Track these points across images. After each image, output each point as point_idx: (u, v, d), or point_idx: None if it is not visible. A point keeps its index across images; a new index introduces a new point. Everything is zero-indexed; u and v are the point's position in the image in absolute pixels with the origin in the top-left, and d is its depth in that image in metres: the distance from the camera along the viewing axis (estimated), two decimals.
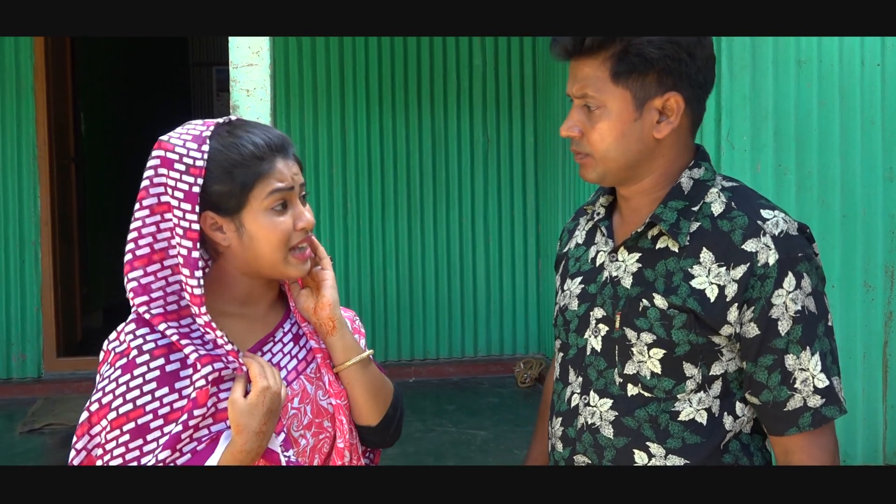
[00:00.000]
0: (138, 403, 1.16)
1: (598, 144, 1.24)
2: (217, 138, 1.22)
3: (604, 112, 1.22)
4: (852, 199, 3.13)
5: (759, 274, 1.18)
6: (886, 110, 3.14)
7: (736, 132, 3.00)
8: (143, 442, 1.15)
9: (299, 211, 1.24)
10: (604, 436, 1.27)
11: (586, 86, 1.22)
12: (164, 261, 1.21)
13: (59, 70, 5.01)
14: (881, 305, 3.17)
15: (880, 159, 3.14)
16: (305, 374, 1.28)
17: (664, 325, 1.22)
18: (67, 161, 5.15)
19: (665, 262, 1.24)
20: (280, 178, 1.22)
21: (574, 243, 1.42)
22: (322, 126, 4.98)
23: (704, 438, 1.22)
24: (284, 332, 1.30)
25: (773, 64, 3.02)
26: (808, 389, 1.19)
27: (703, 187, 1.26)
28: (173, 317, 1.20)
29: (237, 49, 2.25)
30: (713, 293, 1.19)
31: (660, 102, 1.22)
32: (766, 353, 1.20)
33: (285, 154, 1.24)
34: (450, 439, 3.94)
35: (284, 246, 1.23)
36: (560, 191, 4.76)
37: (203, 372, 1.16)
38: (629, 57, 1.20)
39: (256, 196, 1.21)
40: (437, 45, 5.06)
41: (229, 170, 1.20)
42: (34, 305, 4.83)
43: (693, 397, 1.23)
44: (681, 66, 1.22)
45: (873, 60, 3.12)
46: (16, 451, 3.87)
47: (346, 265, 5.01)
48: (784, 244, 1.19)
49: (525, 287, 5.16)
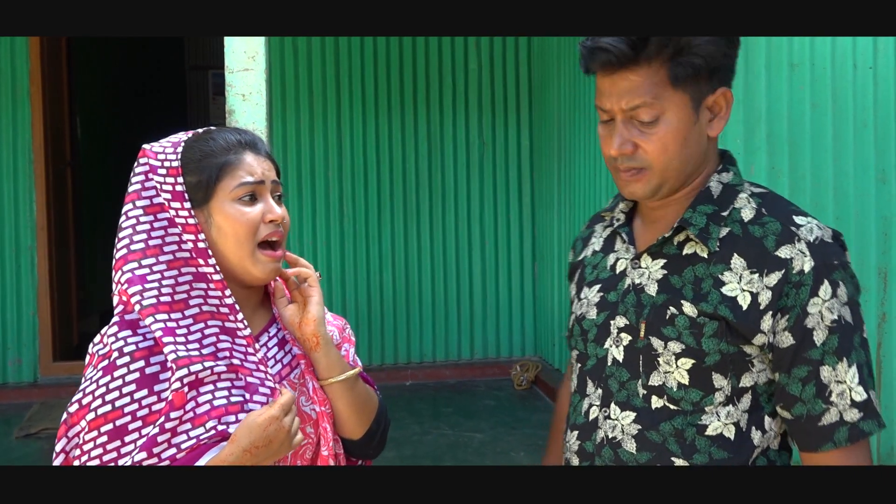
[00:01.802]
0: (117, 405, 1.16)
1: (659, 156, 1.16)
2: (192, 139, 1.28)
3: (663, 121, 1.15)
4: (845, 202, 3.14)
5: (795, 281, 1.13)
6: (878, 113, 3.15)
7: (729, 135, 3.01)
8: (120, 444, 1.15)
9: (269, 205, 1.25)
10: (626, 450, 1.21)
11: (639, 96, 1.14)
12: (159, 256, 1.22)
13: (55, 74, 5.02)
14: (874, 307, 3.19)
15: (873, 162, 3.16)
16: (289, 380, 1.28)
17: (693, 334, 1.16)
18: (63, 165, 5.15)
19: (693, 268, 1.19)
20: (249, 171, 1.24)
21: (591, 251, 1.36)
22: (318, 130, 4.99)
23: (732, 454, 1.17)
24: (270, 336, 1.30)
25: (765, 67, 3.03)
26: (845, 403, 1.13)
27: (732, 192, 1.22)
28: (165, 308, 1.20)
29: (233, 53, 2.25)
30: (745, 300, 1.15)
31: (712, 100, 1.18)
32: (800, 363, 1.14)
33: (256, 150, 1.27)
34: (446, 442, 3.94)
35: (251, 238, 1.23)
36: (556, 194, 4.77)
37: (178, 374, 1.16)
38: (688, 59, 1.14)
39: (223, 187, 1.23)
40: (433, 49, 5.08)
41: (198, 161, 1.24)
42: (30, 310, 4.83)
43: (721, 410, 1.17)
44: (728, 61, 1.18)
45: (865, 63, 3.14)
46: (12, 455, 3.87)
47: (342, 268, 5.02)
48: (820, 251, 1.14)
49: (521, 290, 5.17)
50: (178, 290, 1.22)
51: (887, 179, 3.18)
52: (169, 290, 1.22)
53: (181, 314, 1.21)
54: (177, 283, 1.22)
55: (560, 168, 4.66)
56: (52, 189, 4.89)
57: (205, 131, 1.30)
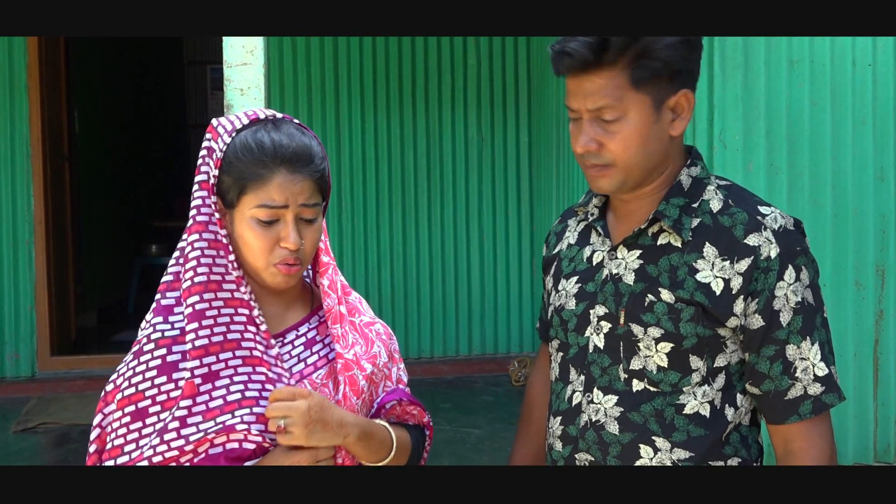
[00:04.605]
0: (139, 388, 1.21)
1: (622, 154, 1.23)
2: (246, 128, 1.24)
3: (624, 121, 1.22)
4: (843, 199, 3.15)
5: (763, 267, 1.21)
6: (877, 110, 3.15)
7: (728, 132, 3.01)
8: (141, 425, 1.19)
9: (287, 231, 1.22)
10: (609, 432, 1.28)
11: (603, 97, 1.21)
12: (203, 233, 1.23)
13: (53, 68, 5.00)
14: (872, 304, 3.19)
15: (871, 159, 3.16)
16: (310, 379, 1.27)
17: (672, 319, 1.24)
18: (61, 159, 5.14)
19: (668, 257, 1.26)
20: (273, 195, 1.20)
21: (566, 244, 1.43)
22: (316, 125, 4.98)
23: (708, 431, 1.25)
24: (298, 335, 1.30)
25: (764, 64, 3.03)
26: (809, 378, 1.22)
27: (700, 185, 1.29)
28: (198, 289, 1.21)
29: (231, 48, 2.25)
30: (719, 286, 1.23)
31: (674, 101, 1.24)
32: (768, 343, 1.23)
33: (293, 167, 1.21)
34: (444, 437, 3.95)
35: (265, 257, 1.23)
36: (554, 189, 4.77)
37: (189, 364, 1.18)
38: (649, 62, 1.20)
39: (247, 201, 1.22)
40: (432, 44, 5.07)
41: (233, 162, 1.22)
42: (28, 304, 4.83)
43: (698, 390, 1.25)
44: (688, 64, 1.24)
45: (864, 61, 3.13)
46: (10, 450, 3.86)
47: (340, 264, 5.00)
48: (784, 238, 1.23)
49: (519, 285, 5.18)
50: (215, 270, 1.23)
51: (885, 177, 3.18)
52: (206, 269, 1.22)
53: (214, 294, 1.22)
54: (214, 265, 1.23)
55: (559, 164, 4.66)
56: (50, 183, 4.88)
57: (263, 122, 1.24)
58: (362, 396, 1.28)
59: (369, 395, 1.30)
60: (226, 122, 1.25)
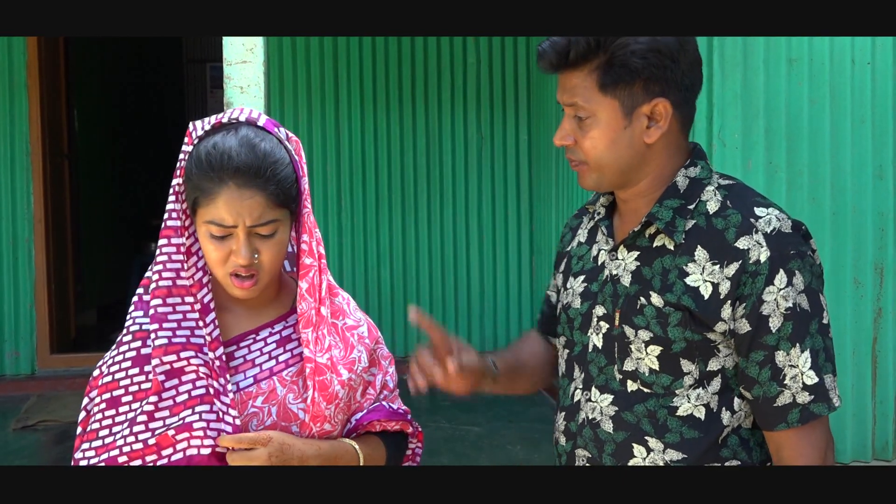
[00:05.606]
0: (115, 377, 1.25)
1: (590, 152, 1.26)
2: (206, 135, 1.24)
3: (594, 121, 1.24)
4: (842, 197, 3.15)
5: (751, 271, 1.19)
6: (876, 109, 3.16)
7: (727, 130, 3.01)
8: (115, 412, 1.24)
9: (238, 247, 1.21)
10: (604, 430, 1.29)
11: (574, 96, 1.25)
12: (172, 238, 1.26)
13: (52, 66, 5.00)
14: (870, 302, 3.20)
15: (870, 157, 3.16)
16: (279, 376, 1.28)
17: (660, 323, 1.23)
18: (61, 158, 5.14)
19: (661, 259, 1.26)
20: (223, 213, 1.19)
21: (577, 242, 1.44)
22: (316, 123, 4.98)
23: (702, 433, 1.24)
24: (272, 332, 1.31)
25: (764, 62, 3.03)
26: (797, 386, 1.20)
27: (699, 186, 1.28)
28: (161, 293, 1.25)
29: (231, 46, 2.25)
30: (707, 290, 1.21)
31: (648, 109, 1.24)
32: (756, 349, 1.21)
33: (241, 182, 1.19)
34: (444, 435, 3.95)
35: (219, 268, 1.24)
36: (554, 188, 4.78)
37: (153, 363, 1.22)
38: (614, 68, 1.21)
39: (200, 215, 1.23)
40: (432, 43, 5.07)
41: (192, 170, 1.23)
42: (27, 302, 4.83)
43: (691, 393, 1.24)
44: (666, 73, 1.23)
45: (863, 59, 3.14)
46: (9, 448, 3.87)
47: (340, 263, 5.02)
48: (776, 241, 1.20)
49: (519, 284, 5.18)
50: (182, 275, 1.26)
51: (884, 175, 3.19)
52: (171, 274, 1.25)
53: (180, 299, 1.25)
54: (182, 269, 1.26)
55: (558, 163, 4.66)
56: (50, 182, 4.88)
57: (224, 127, 1.23)
58: (336, 402, 1.28)
59: (347, 401, 1.31)
60: (193, 128, 1.27)
